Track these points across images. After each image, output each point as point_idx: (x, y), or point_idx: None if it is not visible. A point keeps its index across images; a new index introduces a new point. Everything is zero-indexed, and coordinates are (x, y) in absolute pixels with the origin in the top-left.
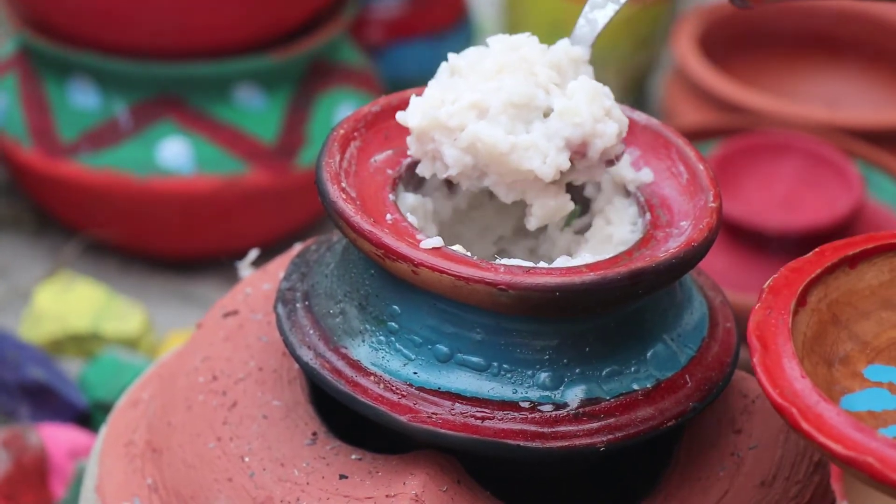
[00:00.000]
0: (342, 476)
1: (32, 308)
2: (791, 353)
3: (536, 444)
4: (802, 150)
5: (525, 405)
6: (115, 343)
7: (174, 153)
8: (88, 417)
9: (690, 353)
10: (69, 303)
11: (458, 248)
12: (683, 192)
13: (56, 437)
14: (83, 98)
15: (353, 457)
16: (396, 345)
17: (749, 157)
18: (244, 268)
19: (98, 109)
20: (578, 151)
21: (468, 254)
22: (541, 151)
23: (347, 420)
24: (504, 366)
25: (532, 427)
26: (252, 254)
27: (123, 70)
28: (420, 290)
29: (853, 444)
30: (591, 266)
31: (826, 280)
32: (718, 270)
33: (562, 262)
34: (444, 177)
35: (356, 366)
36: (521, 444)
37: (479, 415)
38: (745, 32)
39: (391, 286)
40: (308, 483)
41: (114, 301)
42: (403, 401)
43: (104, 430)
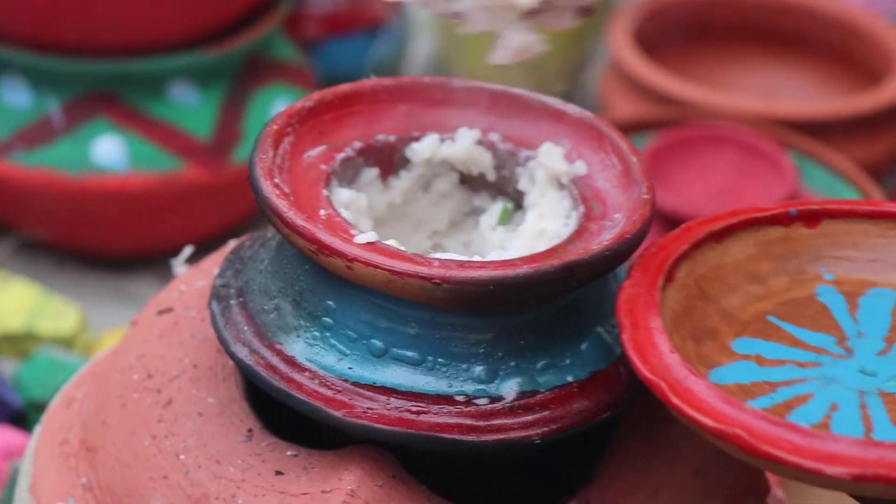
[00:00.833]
0: (278, 472)
1: None
2: (660, 329)
3: (472, 438)
4: (737, 142)
5: (460, 399)
6: (51, 342)
7: (108, 151)
8: (24, 417)
9: None
10: (3, 302)
11: (393, 243)
12: (617, 185)
13: None
14: (15, 97)
15: (289, 453)
16: (331, 340)
17: (684, 149)
18: (178, 265)
19: (30, 108)
20: None
21: (402, 248)
22: None
23: (283, 416)
24: (439, 360)
25: (467, 420)
26: (186, 251)
27: (56, 68)
28: (354, 286)
29: (722, 417)
30: (525, 259)
31: (693, 255)
32: None
33: (496, 256)
34: None
35: (291, 362)
36: (457, 438)
37: (415, 409)
38: (680, 25)
39: (325, 282)
40: (244, 480)
41: (48, 300)
42: (338, 396)
43: (38, 430)
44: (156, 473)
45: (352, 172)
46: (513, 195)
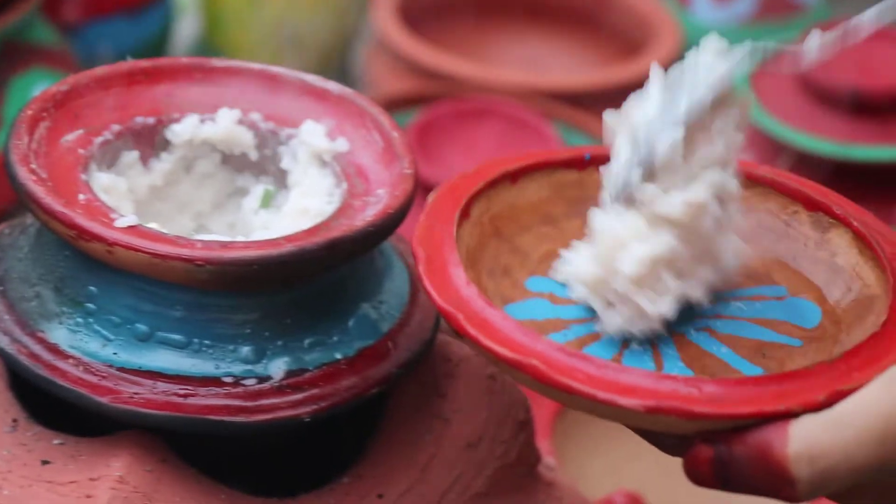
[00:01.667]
0: (45, 462)
1: None
2: (456, 262)
3: (240, 419)
4: (502, 114)
5: (228, 380)
6: None
7: None
8: None
9: (392, 320)
10: None
11: (155, 226)
12: (379, 161)
13: None
14: None
15: (56, 442)
16: (95, 326)
17: (450, 123)
18: None
19: None
20: None
21: (164, 231)
22: None
23: (51, 406)
24: (205, 342)
25: (235, 402)
26: None
27: None
28: (116, 270)
29: (518, 348)
30: (289, 238)
31: (489, 194)
32: None
33: (260, 237)
34: None
35: (54, 349)
36: (225, 419)
37: (182, 392)
38: (444, 1)
39: (87, 267)
40: (10, 471)
41: None
42: (104, 382)
43: None
44: None
45: (111, 156)
46: (276, 174)
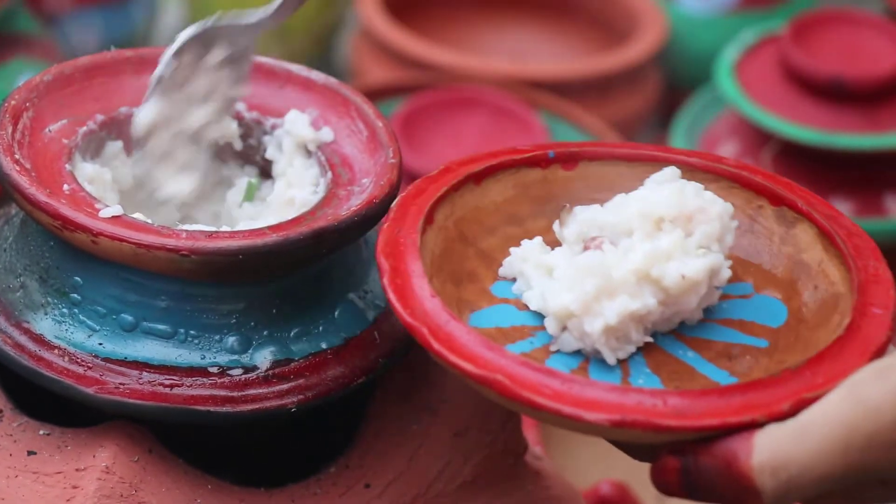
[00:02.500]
0: (31, 452)
1: None
2: (420, 273)
3: (227, 409)
4: (488, 104)
5: (214, 370)
6: None
7: None
8: None
9: (379, 310)
10: None
11: (139, 216)
12: (364, 150)
13: None
14: None
15: (42, 432)
16: (80, 316)
17: (435, 113)
18: None
19: None
20: None
21: (149, 221)
22: None
23: (37, 397)
24: (191, 332)
25: (222, 392)
26: None
27: None
28: (101, 261)
29: (483, 363)
30: (274, 227)
31: (452, 198)
32: None
33: (245, 226)
34: None
35: (39, 340)
36: (212, 410)
37: (168, 382)
38: None
39: (72, 257)
40: None
41: None
42: (90, 373)
43: None
44: None
45: (95, 146)
46: (261, 164)
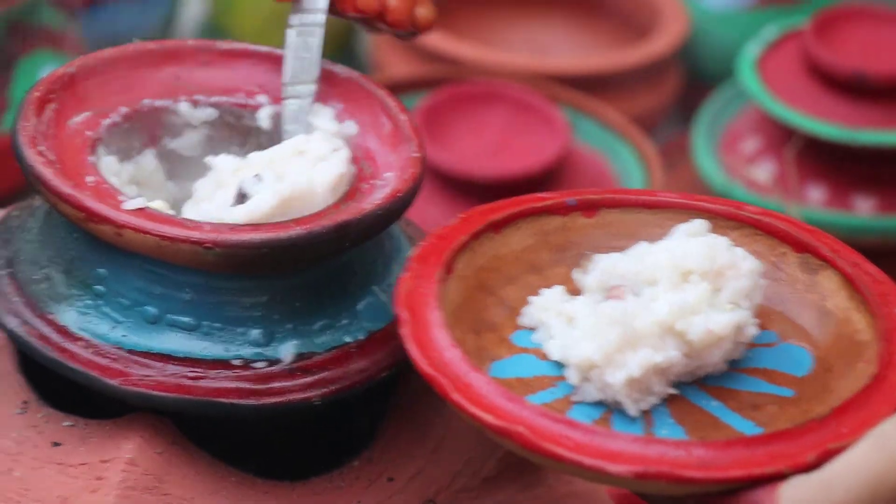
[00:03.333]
0: (55, 444)
1: None
2: (440, 323)
3: (251, 402)
4: (510, 98)
5: (238, 363)
6: None
7: None
8: None
9: None
10: None
11: (159, 205)
12: (387, 144)
13: None
14: None
15: (66, 424)
16: (104, 308)
17: (458, 107)
18: None
19: None
20: None
21: (171, 212)
22: None
23: (61, 388)
24: (215, 324)
25: (246, 384)
26: None
27: None
28: (125, 252)
29: (504, 414)
30: (298, 220)
31: (472, 246)
32: (432, 220)
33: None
34: None
35: (63, 331)
36: (235, 402)
37: (192, 374)
38: None
39: (96, 249)
40: (20, 452)
41: None
42: (114, 364)
43: None
44: None
45: (119, 138)
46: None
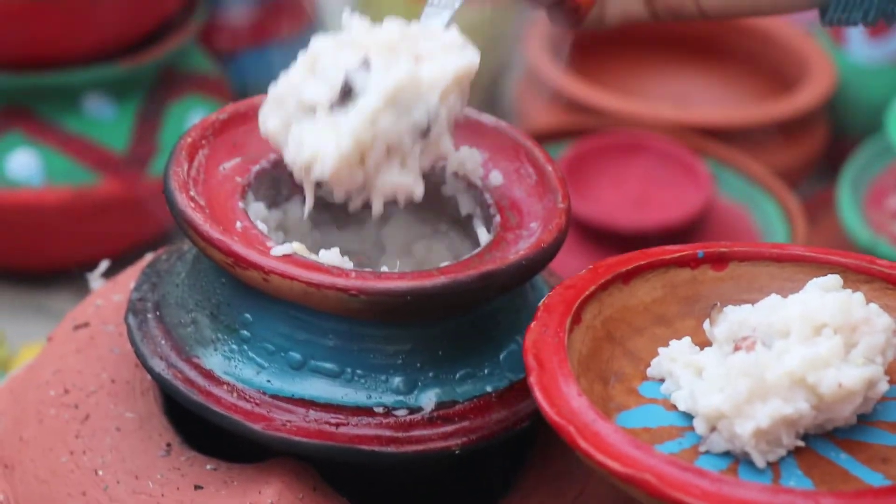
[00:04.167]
0: (197, 487)
1: None
2: (567, 372)
3: (391, 449)
4: (653, 149)
5: (379, 410)
6: None
7: (22, 165)
8: None
9: None
10: None
11: (299, 247)
12: (532, 194)
13: None
14: None
15: (209, 467)
16: (249, 353)
17: (601, 157)
18: (95, 279)
19: None
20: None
21: (316, 258)
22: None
23: (203, 431)
24: (357, 371)
25: (387, 432)
26: (103, 265)
27: None
28: (271, 298)
29: (631, 462)
30: (442, 269)
31: (600, 297)
32: (572, 270)
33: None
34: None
35: (209, 375)
36: (376, 450)
37: (334, 421)
38: (595, 34)
39: (242, 294)
40: (163, 495)
41: None
42: (257, 409)
43: None
44: (74, 490)
45: (267, 184)
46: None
